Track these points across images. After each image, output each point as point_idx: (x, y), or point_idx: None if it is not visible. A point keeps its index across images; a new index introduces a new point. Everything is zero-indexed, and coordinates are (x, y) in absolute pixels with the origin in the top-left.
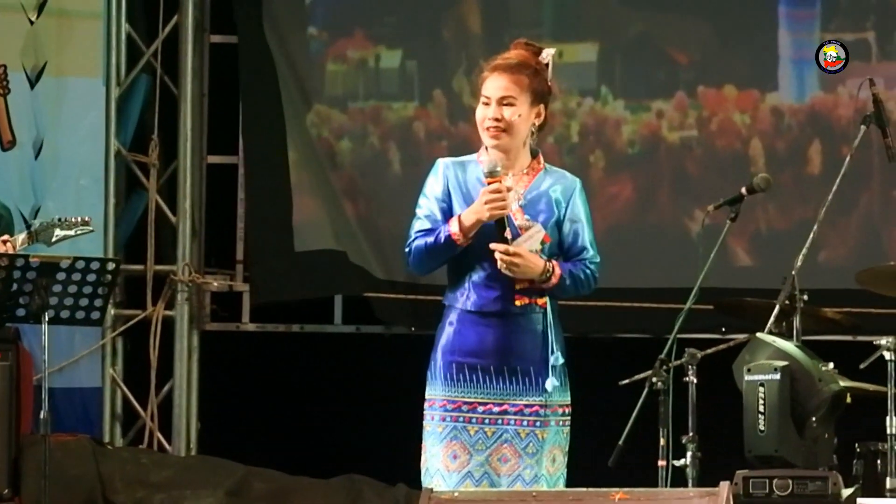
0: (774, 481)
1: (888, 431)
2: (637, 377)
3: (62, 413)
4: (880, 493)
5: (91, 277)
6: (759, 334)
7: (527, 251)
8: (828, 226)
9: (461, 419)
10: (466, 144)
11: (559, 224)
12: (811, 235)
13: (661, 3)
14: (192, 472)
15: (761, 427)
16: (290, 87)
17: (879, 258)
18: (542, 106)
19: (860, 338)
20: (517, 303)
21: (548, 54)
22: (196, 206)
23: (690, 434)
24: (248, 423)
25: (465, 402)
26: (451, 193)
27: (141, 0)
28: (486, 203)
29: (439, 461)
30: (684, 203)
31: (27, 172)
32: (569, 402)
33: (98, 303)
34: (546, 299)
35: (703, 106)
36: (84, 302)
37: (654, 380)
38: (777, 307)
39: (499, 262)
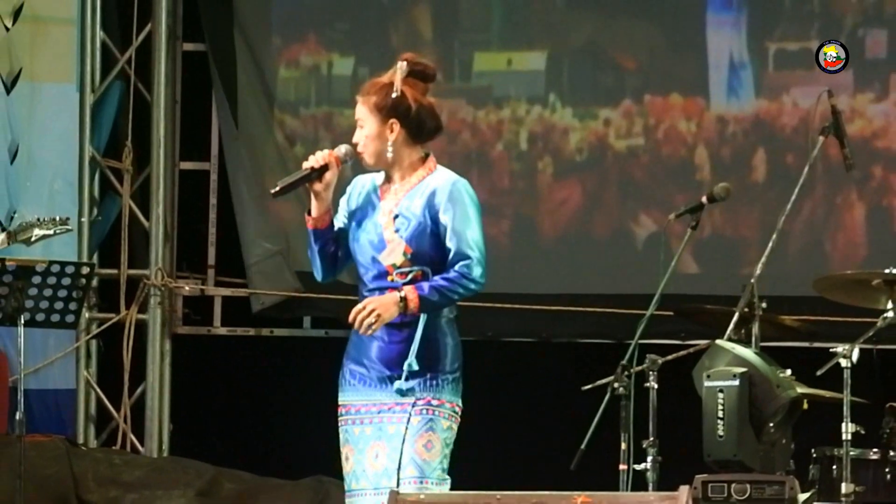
0: (733, 485)
1: (844, 437)
2: (599, 382)
3: (36, 414)
4: (836, 497)
5: (66, 281)
6: (718, 341)
7: (377, 301)
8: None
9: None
10: None
11: (437, 224)
12: (770, 244)
13: (608, 8)
14: (163, 473)
15: (720, 432)
16: (257, 93)
17: (822, 264)
18: (393, 121)
19: (817, 345)
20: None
21: (399, 68)
22: (169, 212)
23: (651, 438)
24: (218, 425)
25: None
26: (346, 204)
27: (115, 7)
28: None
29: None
30: (631, 208)
31: (2, 177)
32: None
33: (73, 306)
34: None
35: (650, 114)
36: (59, 305)
37: (616, 385)
38: (736, 314)
39: (361, 329)
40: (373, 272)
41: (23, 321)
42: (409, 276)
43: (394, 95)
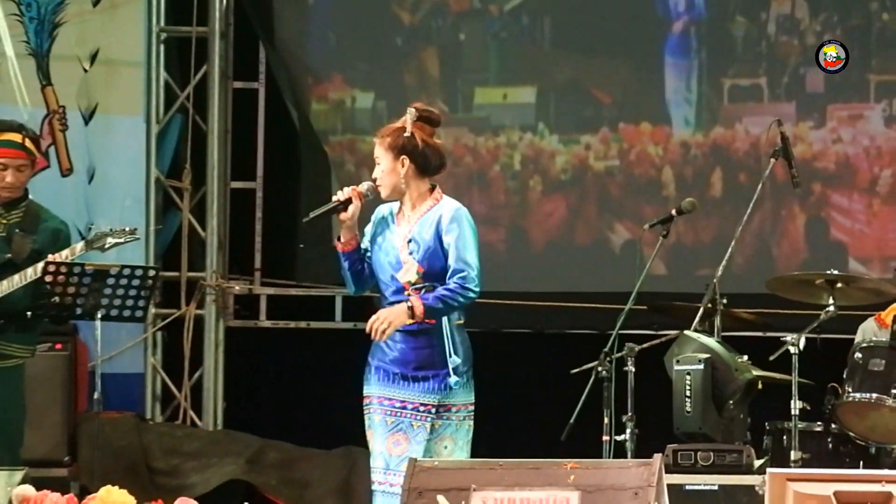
0: (698, 453)
1: (792, 412)
2: (585, 367)
3: (111, 394)
4: (786, 463)
5: (135, 282)
6: (686, 332)
7: (388, 311)
8: (729, 240)
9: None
10: None
11: (441, 246)
12: (730, 249)
13: (587, 51)
14: (218, 444)
15: (688, 408)
16: (298, 124)
17: (770, 267)
18: (404, 157)
19: (769, 334)
20: (409, 321)
21: (409, 114)
22: (221, 224)
23: (629, 414)
24: (264, 403)
25: (382, 397)
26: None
27: (176, 51)
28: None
29: (383, 445)
30: (608, 220)
31: (81, 195)
32: (472, 402)
33: (141, 303)
34: (434, 321)
35: (623, 139)
36: (129, 302)
37: (600, 369)
38: (701, 309)
39: (376, 336)
40: (392, 288)
41: (99, 316)
42: (423, 291)
43: (405, 136)
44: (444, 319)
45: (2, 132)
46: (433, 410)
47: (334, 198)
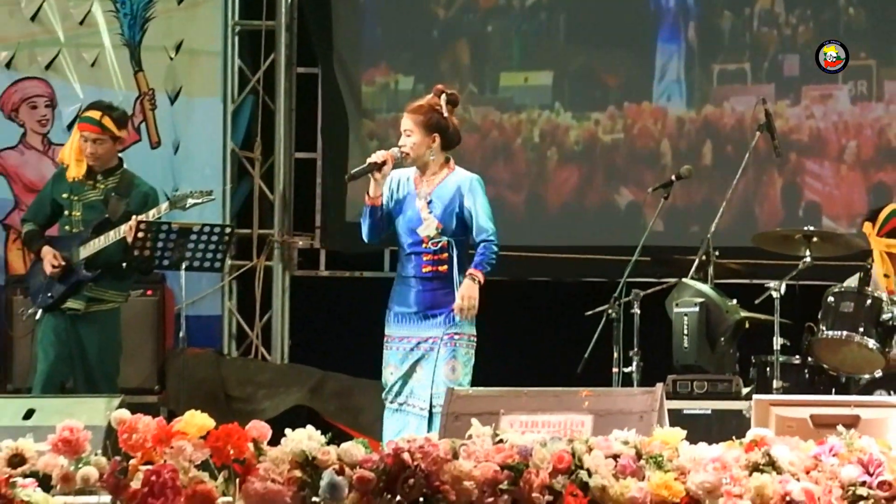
0: (694, 383)
1: (775, 347)
2: (598, 309)
3: (194, 333)
4: (769, 391)
5: (214, 238)
6: (684, 279)
7: (467, 291)
8: (719, 202)
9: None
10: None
11: (462, 209)
12: (721, 210)
13: (596, 41)
14: (285, 375)
15: (685, 345)
16: (350, 104)
17: (753, 224)
18: (435, 134)
19: (755, 281)
20: (424, 269)
21: (442, 98)
22: (287, 188)
23: (635, 350)
24: (324, 340)
25: (403, 336)
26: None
27: (248, 42)
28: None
29: (385, 374)
30: (615, 185)
31: (168, 164)
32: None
33: (219, 256)
34: (446, 266)
35: (628, 116)
36: (209, 255)
37: (610, 311)
38: (696, 260)
39: (468, 316)
40: (410, 240)
41: (183, 267)
42: (438, 245)
43: (441, 117)
44: (455, 268)
45: (87, 110)
46: (442, 340)
47: (369, 160)
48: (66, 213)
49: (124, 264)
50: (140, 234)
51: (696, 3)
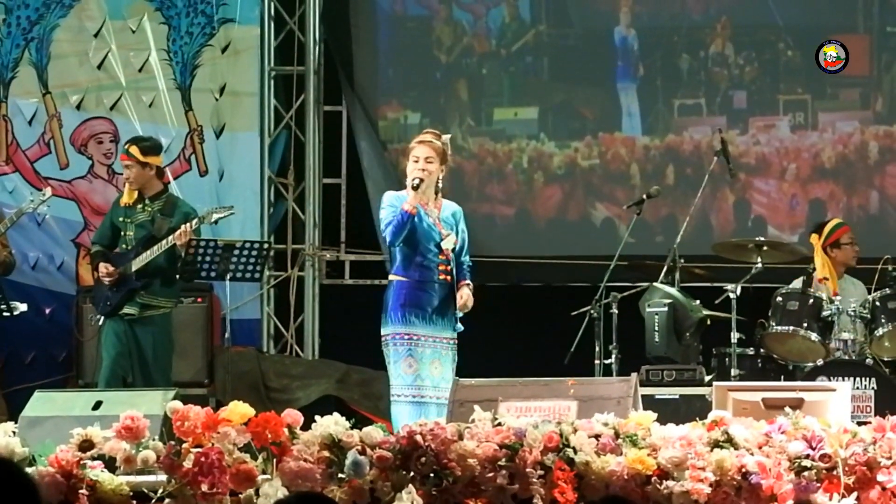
0: (664, 372)
1: (732, 341)
2: (581, 310)
3: (237, 334)
4: (727, 378)
5: (254, 253)
6: (654, 283)
7: (467, 296)
8: (680, 216)
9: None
10: (455, 171)
11: (456, 232)
12: (685, 224)
13: (575, 80)
14: (315, 368)
15: (656, 339)
16: (371, 136)
17: (710, 235)
18: (443, 165)
19: (715, 284)
20: (440, 276)
21: (447, 137)
22: (316, 209)
23: (614, 344)
24: (349, 339)
25: (421, 335)
26: (396, 205)
27: (282, 85)
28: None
29: (400, 369)
30: (591, 202)
31: (214, 190)
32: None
33: (258, 268)
34: (451, 277)
35: (602, 144)
36: (250, 268)
37: (592, 312)
38: (665, 267)
39: (467, 305)
40: (433, 252)
41: (228, 278)
42: (449, 257)
43: (448, 153)
44: (455, 277)
45: (125, 142)
46: (452, 342)
47: (413, 180)
48: (122, 233)
49: (177, 276)
50: (191, 251)
51: (658, 48)
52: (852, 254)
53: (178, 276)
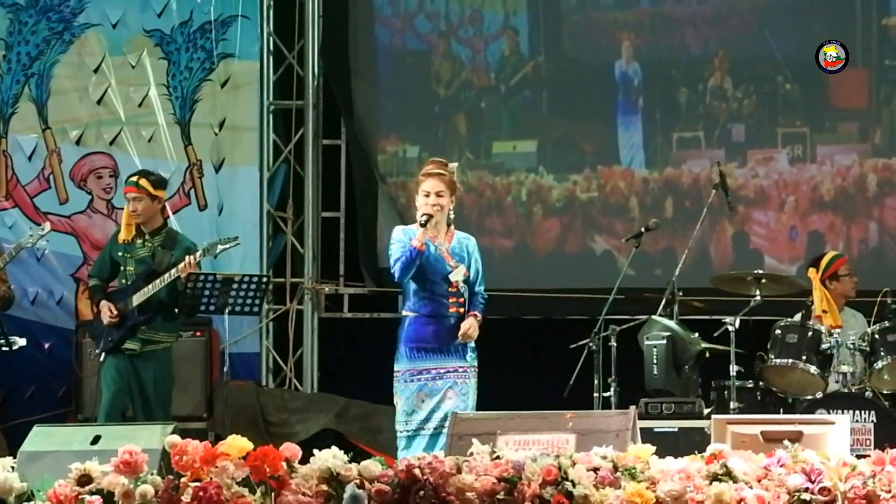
0: (663, 404)
1: (731, 373)
2: (580, 343)
3: (236, 367)
4: (726, 411)
5: (253, 286)
6: (653, 316)
7: (472, 325)
8: (678, 248)
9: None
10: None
11: (469, 264)
12: (683, 256)
13: (574, 114)
14: (314, 402)
15: (655, 372)
16: (370, 168)
17: (709, 267)
18: (453, 196)
19: (714, 317)
20: (450, 309)
21: (453, 166)
22: (315, 242)
23: (613, 376)
24: (348, 372)
25: (432, 368)
26: (405, 240)
27: (281, 119)
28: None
29: (412, 403)
30: (590, 234)
31: (213, 224)
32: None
33: (257, 301)
34: (463, 309)
35: (601, 177)
36: (249, 301)
37: (591, 344)
38: (664, 299)
39: (468, 335)
40: (443, 285)
41: (227, 312)
42: (462, 288)
43: (456, 184)
44: (468, 309)
45: (130, 176)
46: (468, 371)
47: (422, 217)
48: (122, 268)
49: (177, 310)
50: (191, 285)
51: (658, 82)
52: (851, 285)
53: (181, 311)
